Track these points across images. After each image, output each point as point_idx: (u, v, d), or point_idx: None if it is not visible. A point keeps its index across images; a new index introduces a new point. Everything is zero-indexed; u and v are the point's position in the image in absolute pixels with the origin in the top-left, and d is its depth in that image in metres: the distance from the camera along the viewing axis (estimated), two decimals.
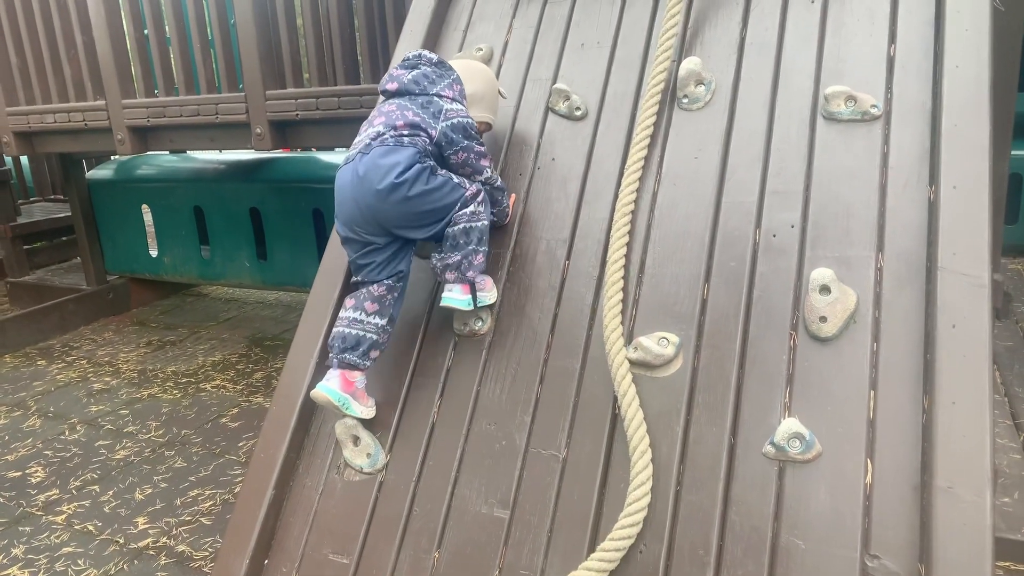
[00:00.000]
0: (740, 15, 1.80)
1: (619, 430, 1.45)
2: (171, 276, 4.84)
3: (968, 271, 1.31)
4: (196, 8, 3.33)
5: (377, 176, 1.55)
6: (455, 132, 1.64)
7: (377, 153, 1.58)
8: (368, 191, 1.56)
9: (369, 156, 1.58)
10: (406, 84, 1.68)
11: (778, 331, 1.43)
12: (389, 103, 1.68)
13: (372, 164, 1.57)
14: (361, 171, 1.58)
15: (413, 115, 1.63)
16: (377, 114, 1.68)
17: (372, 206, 1.57)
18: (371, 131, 1.63)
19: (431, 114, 1.64)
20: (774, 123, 1.64)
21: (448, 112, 1.65)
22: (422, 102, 1.66)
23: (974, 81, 1.46)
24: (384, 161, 1.56)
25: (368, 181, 1.56)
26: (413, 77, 1.68)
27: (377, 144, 1.59)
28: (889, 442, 1.28)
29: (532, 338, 1.64)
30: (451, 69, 1.73)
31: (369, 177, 1.56)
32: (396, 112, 1.64)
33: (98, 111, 3.66)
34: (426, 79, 1.68)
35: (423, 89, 1.67)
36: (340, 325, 1.64)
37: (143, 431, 3.21)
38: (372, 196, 1.56)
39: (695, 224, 1.61)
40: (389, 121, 1.63)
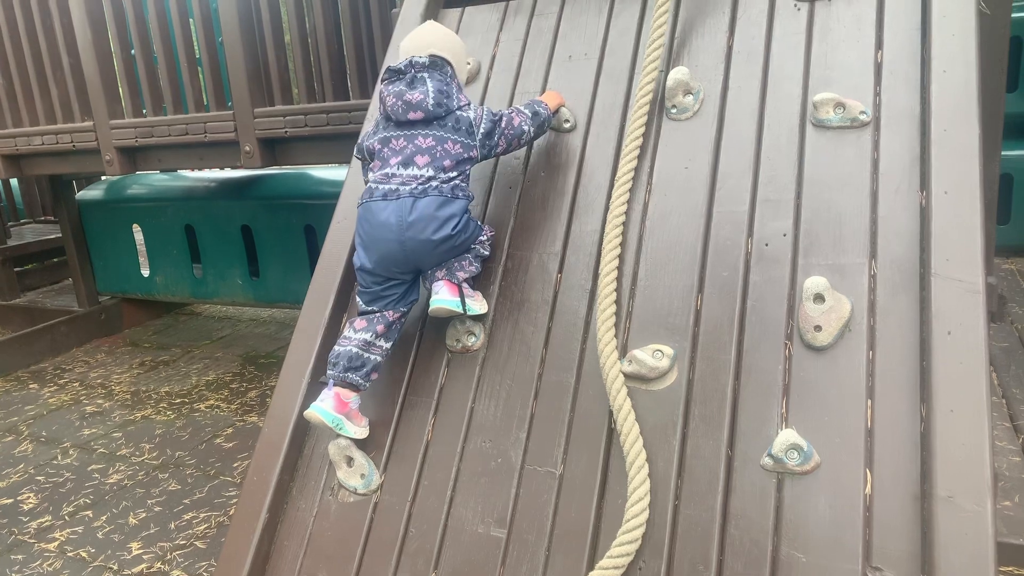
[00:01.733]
0: (727, 23, 1.80)
1: (615, 445, 1.43)
2: (163, 296, 4.81)
3: (962, 277, 1.30)
4: (183, 27, 3.32)
5: (433, 227, 1.58)
6: (488, 137, 1.69)
7: (432, 204, 1.58)
8: (420, 240, 1.59)
9: (423, 204, 1.58)
10: (432, 111, 1.62)
11: (773, 341, 1.42)
12: (424, 136, 1.63)
13: (428, 215, 1.58)
14: (411, 217, 1.57)
15: (455, 147, 1.63)
16: (412, 147, 1.63)
17: (419, 252, 1.60)
18: (416, 172, 1.60)
19: (466, 133, 1.65)
20: (763, 131, 1.64)
21: (475, 121, 1.67)
22: (452, 125, 1.64)
23: (962, 85, 1.46)
24: (441, 213, 1.58)
25: (422, 231, 1.58)
26: (435, 100, 1.62)
27: (433, 192, 1.58)
28: (888, 451, 1.27)
29: (526, 353, 1.62)
30: (443, 64, 1.69)
31: (422, 227, 1.58)
32: (438, 148, 1.62)
33: (86, 132, 3.64)
34: (444, 96, 1.64)
35: (447, 109, 1.64)
36: (347, 344, 1.63)
37: (136, 454, 3.18)
38: (424, 244, 1.59)
39: (687, 234, 1.60)
40: (436, 162, 1.61)
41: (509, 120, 1.72)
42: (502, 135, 1.70)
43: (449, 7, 2.20)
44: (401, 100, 1.63)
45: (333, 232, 1.93)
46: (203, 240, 4.52)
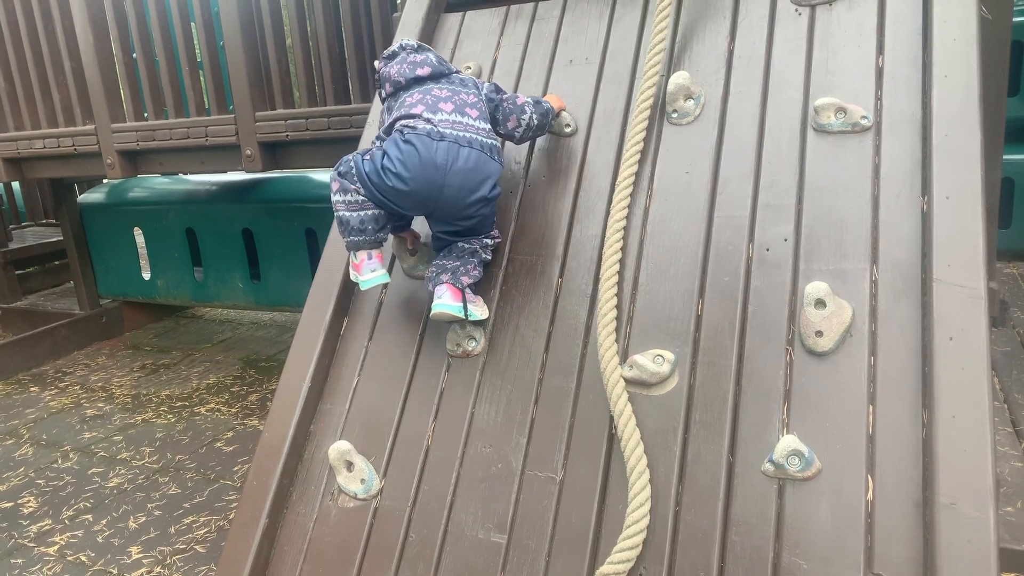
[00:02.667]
0: (728, 28, 1.80)
1: (616, 450, 1.43)
2: (164, 299, 4.81)
3: (964, 282, 1.29)
4: (184, 30, 3.33)
5: (473, 180, 1.58)
6: (492, 94, 1.72)
7: (474, 158, 1.58)
8: (456, 188, 1.56)
9: (467, 155, 1.57)
10: (437, 66, 1.70)
11: (774, 346, 1.42)
12: (439, 88, 1.66)
13: (469, 168, 1.57)
14: (456, 166, 1.55)
15: (469, 96, 1.67)
16: (430, 97, 1.63)
17: (451, 202, 1.58)
18: (446, 117, 1.59)
19: (474, 87, 1.70)
20: (764, 136, 1.64)
21: (478, 82, 1.73)
22: (459, 80, 1.71)
23: (964, 90, 1.45)
24: (484, 170, 1.59)
25: (461, 185, 1.56)
26: (437, 59, 1.71)
27: (476, 146, 1.59)
28: (889, 458, 1.26)
29: (526, 358, 1.62)
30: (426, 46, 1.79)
31: (461, 179, 1.56)
32: (455, 97, 1.65)
33: (87, 136, 3.65)
34: (441, 63, 1.73)
35: (449, 70, 1.72)
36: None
37: (137, 457, 3.17)
38: (458, 197, 1.58)
39: (688, 239, 1.60)
40: (459, 109, 1.63)
41: (514, 95, 1.76)
42: (502, 103, 1.72)
43: (450, 11, 2.21)
44: (406, 63, 1.71)
45: (334, 235, 1.93)
46: (204, 243, 4.52)
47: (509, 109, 1.72)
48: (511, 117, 1.73)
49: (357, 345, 1.79)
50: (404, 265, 1.84)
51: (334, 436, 1.68)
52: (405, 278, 1.83)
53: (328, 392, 1.76)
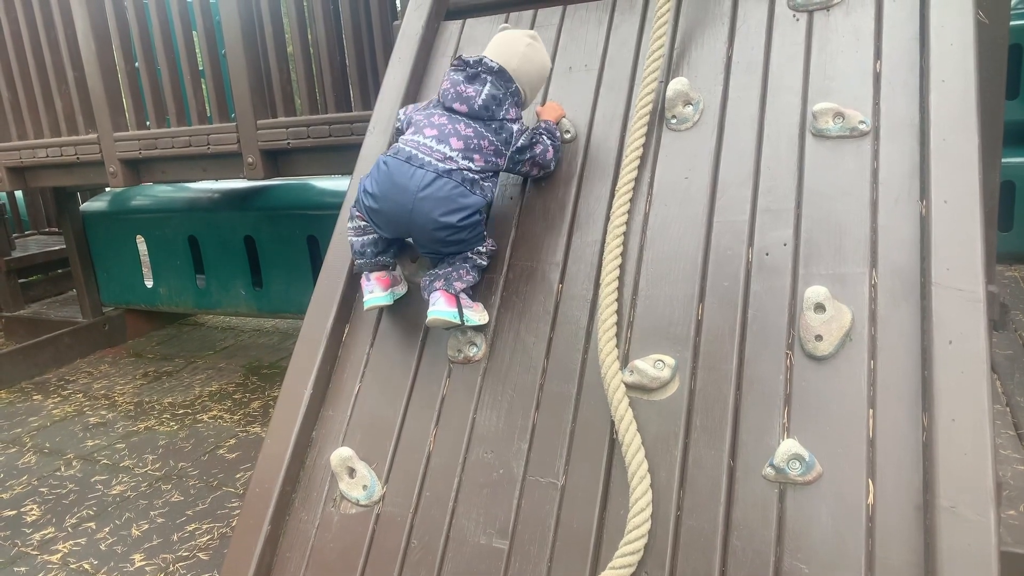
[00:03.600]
0: (726, 34, 1.81)
1: (617, 455, 1.43)
2: (167, 306, 4.83)
3: (963, 286, 1.30)
4: (186, 39, 3.35)
5: (441, 210, 1.60)
6: (520, 153, 1.72)
7: (448, 187, 1.60)
8: (427, 217, 1.61)
9: (440, 184, 1.60)
10: (476, 110, 1.68)
11: (774, 351, 1.42)
12: (467, 125, 1.67)
13: (441, 197, 1.60)
14: (425, 192, 1.59)
15: (489, 147, 1.67)
16: (451, 129, 1.66)
17: (421, 227, 1.63)
18: (446, 151, 1.63)
19: (503, 141, 1.69)
20: (763, 141, 1.64)
21: (516, 134, 1.70)
22: (495, 128, 1.68)
23: (961, 95, 1.46)
24: (453, 201, 1.60)
25: (431, 210, 1.60)
26: (483, 102, 1.67)
27: (456, 177, 1.61)
28: (890, 461, 1.26)
29: (527, 363, 1.62)
30: (511, 80, 1.72)
31: (431, 205, 1.60)
32: (475, 140, 1.65)
33: (90, 144, 3.67)
34: (495, 102, 1.68)
35: (492, 115, 1.69)
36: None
37: (140, 465, 3.18)
38: (428, 223, 1.61)
39: (688, 244, 1.60)
40: (468, 152, 1.64)
41: (544, 150, 1.76)
42: (533, 159, 1.74)
43: (450, 19, 2.22)
44: (455, 88, 1.69)
45: (335, 243, 1.94)
46: (206, 251, 4.53)
47: (537, 162, 1.75)
48: (534, 168, 1.77)
49: (359, 352, 1.80)
50: (404, 272, 1.85)
51: (336, 443, 1.69)
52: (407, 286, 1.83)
53: (330, 399, 1.76)
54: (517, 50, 1.74)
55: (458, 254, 1.69)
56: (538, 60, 1.78)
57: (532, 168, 1.77)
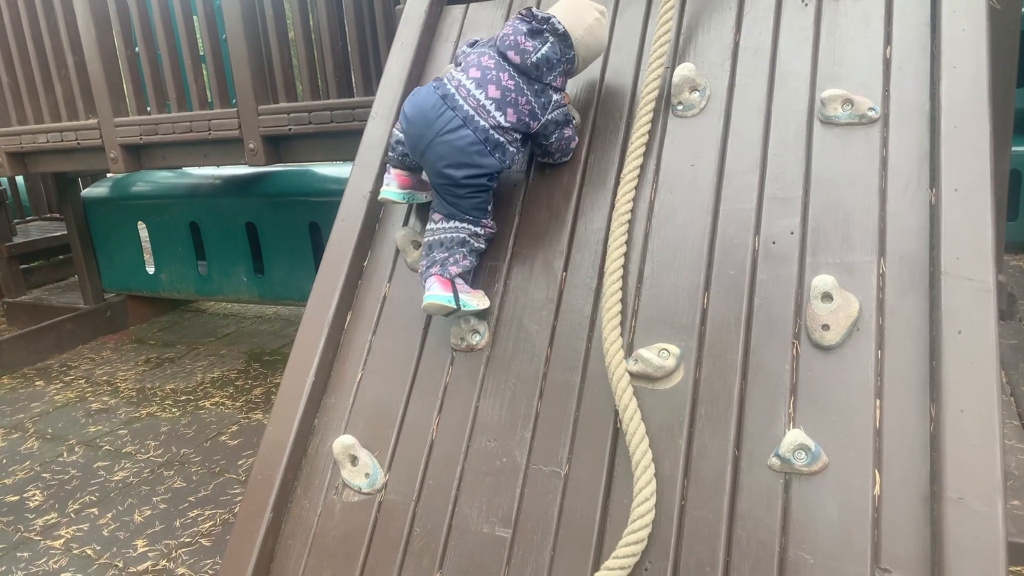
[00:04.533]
0: (733, 20, 1.78)
1: (621, 445, 1.42)
2: (168, 293, 4.82)
3: (972, 275, 1.28)
4: (187, 24, 3.32)
5: (449, 160, 1.61)
6: (554, 126, 1.70)
7: (467, 141, 1.60)
8: (436, 160, 1.63)
9: (462, 135, 1.60)
10: (528, 67, 1.65)
11: (780, 340, 1.41)
12: (511, 75, 1.65)
13: (460, 145, 1.60)
14: (444, 137, 1.61)
15: (526, 103, 1.65)
16: (493, 75, 1.64)
17: (431, 165, 1.66)
18: (480, 99, 1.62)
19: (541, 105, 1.67)
20: (771, 128, 1.62)
21: (555, 104, 1.69)
22: (538, 89, 1.67)
23: (973, 82, 1.44)
24: (467, 155, 1.61)
25: (441, 156, 1.62)
26: (537, 60, 1.64)
27: (480, 133, 1.61)
28: (897, 452, 1.25)
29: (531, 352, 1.61)
30: (571, 47, 1.68)
31: (443, 151, 1.61)
32: (513, 94, 1.64)
33: (90, 130, 3.64)
34: (547, 64, 1.66)
35: (540, 76, 1.67)
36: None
37: (142, 451, 3.18)
38: (435, 166, 1.64)
39: (693, 232, 1.58)
40: (502, 103, 1.62)
41: (572, 136, 1.76)
42: (560, 139, 1.73)
43: (453, 3, 2.19)
44: (515, 36, 1.66)
45: (337, 230, 1.92)
46: (208, 237, 4.52)
47: (560, 146, 1.74)
48: (555, 153, 1.75)
49: (361, 339, 1.79)
50: (408, 259, 1.83)
51: (338, 430, 1.68)
52: (409, 272, 1.82)
53: (332, 387, 1.75)
54: (586, 21, 1.71)
55: (459, 214, 1.67)
56: (601, 36, 1.76)
57: (555, 147, 1.74)
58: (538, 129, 1.69)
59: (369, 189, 1.92)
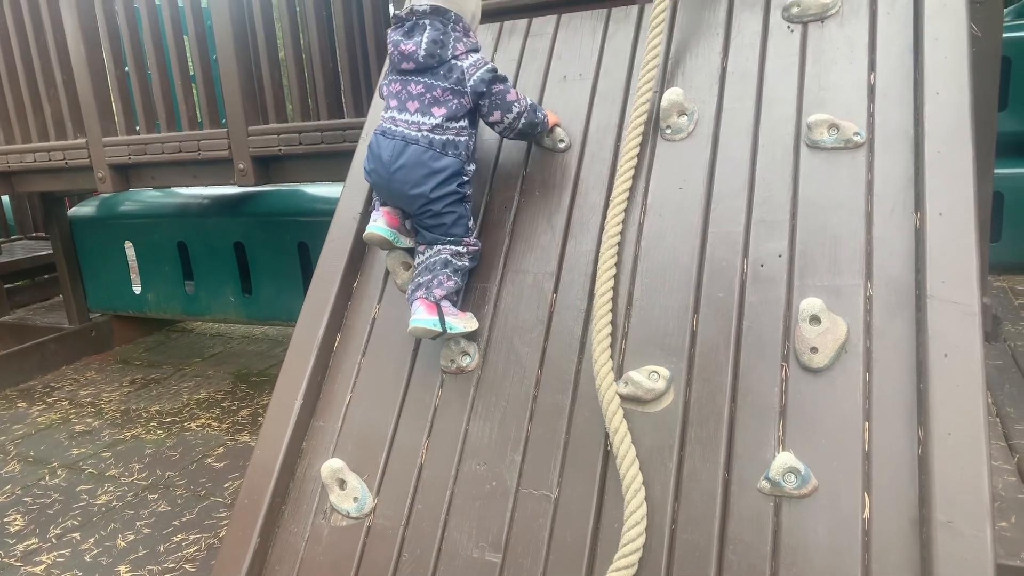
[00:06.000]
0: (720, 45, 1.81)
1: (611, 468, 1.42)
2: (155, 312, 4.78)
3: (958, 299, 1.30)
4: (177, 44, 3.32)
5: (413, 179, 1.66)
6: (481, 85, 1.70)
7: (417, 154, 1.66)
8: (402, 189, 1.68)
9: (410, 152, 1.66)
10: (422, 62, 1.67)
11: (769, 363, 1.41)
12: (416, 82, 1.69)
13: (411, 163, 1.66)
14: (398, 163, 1.66)
15: (444, 94, 1.68)
16: (404, 93, 1.70)
17: (402, 199, 1.72)
18: (407, 117, 1.68)
19: (456, 80, 1.68)
20: (758, 152, 1.64)
21: (468, 70, 1.69)
22: (443, 74, 1.68)
23: (955, 107, 1.46)
24: (424, 167, 1.66)
25: (404, 181, 1.67)
26: (426, 51, 1.67)
27: (423, 143, 1.66)
28: (886, 475, 1.26)
29: (521, 374, 1.61)
30: (447, 11, 1.69)
31: (403, 175, 1.66)
32: (427, 95, 1.68)
33: (78, 149, 3.63)
34: (438, 46, 1.67)
35: (440, 59, 1.68)
36: None
37: (126, 474, 3.14)
38: (403, 196, 1.69)
39: (682, 255, 1.59)
40: (424, 108, 1.67)
41: (507, 90, 1.73)
42: (499, 95, 1.72)
43: None
44: (397, 49, 1.70)
45: (327, 250, 1.92)
46: (196, 257, 4.50)
47: (496, 103, 1.72)
48: (495, 111, 1.74)
49: (350, 361, 1.78)
50: (397, 281, 1.83)
51: (327, 454, 1.67)
52: (398, 293, 1.82)
53: (321, 409, 1.74)
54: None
55: (442, 237, 1.69)
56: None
57: (493, 110, 1.73)
58: (470, 101, 1.70)
59: (359, 210, 1.92)
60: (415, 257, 1.76)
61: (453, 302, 1.68)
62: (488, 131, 1.92)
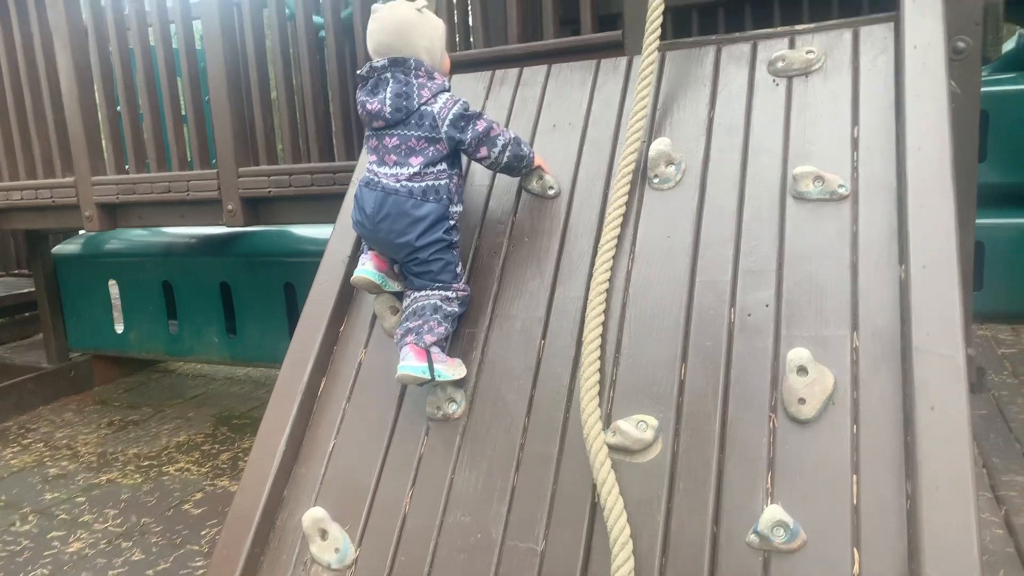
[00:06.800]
0: (708, 97, 1.85)
1: (599, 520, 1.39)
2: (137, 352, 4.71)
3: (943, 351, 1.30)
4: (170, 84, 3.35)
5: (397, 229, 1.68)
6: (455, 129, 1.70)
7: (399, 204, 1.67)
8: (387, 240, 1.70)
9: (392, 203, 1.67)
10: (390, 117, 1.69)
11: (757, 413, 1.41)
12: (390, 136, 1.71)
13: (394, 214, 1.67)
14: (381, 214, 1.68)
15: (419, 143, 1.69)
16: (381, 147, 1.72)
17: (388, 249, 1.74)
18: (387, 170, 1.69)
19: (430, 128, 1.69)
20: (744, 203, 1.66)
21: (440, 114, 1.69)
22: (415, 123, 1.69)
23: (937, 162, 1.49)
24: (407, 216, 1.67)
25: (388, 232, 1.68)
26: (392, 106, 1.68)
27: (403, 192, 1.67)
28: (874, 529, 1.24)
29: (508, 422, 1.59)
30: (406, 60, 1.69)
31: (387, 226, 1.68)
32: (403, 147, 1.69)
33: (66, 188, 3.62)
34: (403, 99, 1.68)
35: (407, 111, 1.69)
36: None
37: (100, 520, 3.05)
38: (389, 245, 1.72)
39: (670, 303, 1.60)
40: (402, 159, 1.69)
41: (489, 127, 1.74)
42: (475, 135, 1.72)
43: None
44: (364, 109, 1.72)
45: (315, 293, 1.91)
46: (180, 296, 4.46)
47: (478, 141, 1.72)
48: (481, 148, 1.74)
49: (335, 407, 1.75)
50: (385, 325, 1.82)
51: (308, 502, 1.63)
52: (386, 338, 1.81)
53: (304, 456, 1.71)
54: (387, 34, 1.70)
55: (430, 282, 1.70)
56: (410, 22, 1.71)
57: (478, 147, 1.73)
58: (447, 146, 1.71)
59: (348, 253, 1.92)
60: (403, 301, 1.76)
61: (442, 348, 1.67)
62: (477, 176, 1.94)
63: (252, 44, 3.12)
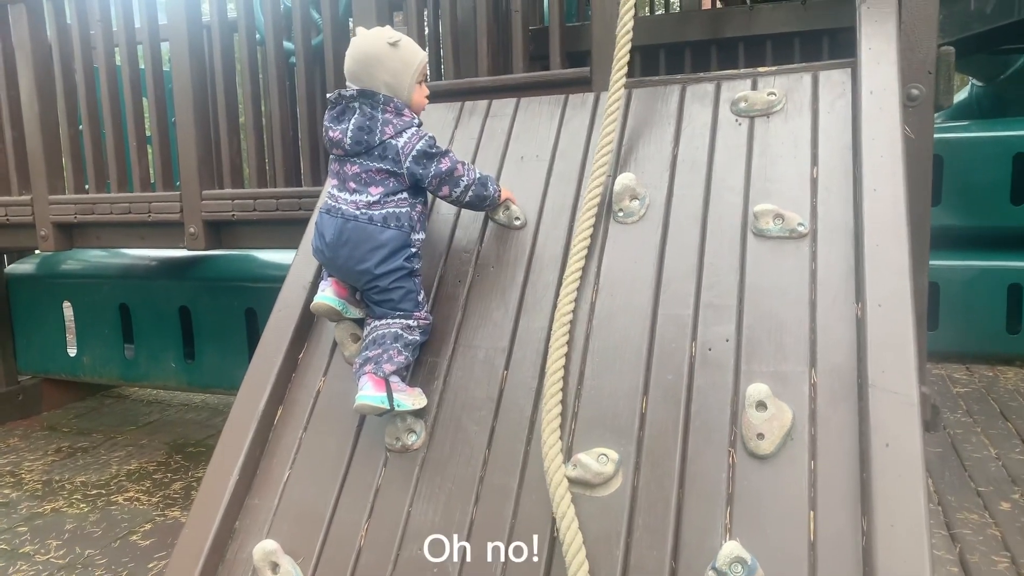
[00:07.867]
0: (672, 134, 1.88)
1: (557, 554, 1.37)
2: (90, 377, 4.58)
3: (897, 389, 1.32)
4: (135, 105, 3.31)
5: (356, 256, 1.67)
6: (417, 166, 1.70)
7: (358, 232, 1.66)
8: (346, 267, 1.69)
9: (351, 230, 1.66)
10: (349, 148, 1.69)
11: (717, 448, 1.41)
12: (351, 163, 1.70)
13: (352, 241, 1.66)
14: (340, 240, 1.67)
15: (379, 174, 1.68)
16: (342, 173, 1.71)
17: (347, 276, 1.73)
18: (347, 196, 1.69)
19: (392, 162, 1.68)
20: (707, 238, 1.68)
21: (403, 149, 1.68)
22: (378, 154, 1.68)
23: (892, 203, 1.53)
24: (366, 243, 1.66)
25: (347, 259, 1.67)
26: (352, 138, 1.68)
27: (362, 220, 1.66)
28: (831, 566, 1.25)
29: (468, 453, 1.57)
30: (374, 94, 1.68)
31: (347, 254, 1.67)
32: (363, 175, 1.69)
33: (22, 206, 3.53)
34: (364, 132, 1.68)
35: (368, 145, 1.68)
36: None
37: (41, 551, 2.92)
38: (348, 272, 1.70)
39: (633, 335, 1.60)
40: (362, 188, 1.68)
41: (453, 166, 1.73)
42: (437, 172, 1.71)
43: None
44: (327, 136, 1.72)
45: (275, 318, 1.88)
46: (137, 320, 4.36)
47: (441, 180, 1.73)
48: (443, 187, 1.75)
49: (291, 436, 1.71)
50: (345, 353, 1.79)
51: (260, 534, 1.58)
52: (346, 366, 1.78)
53: (257, 486, 1.66)
54: (357, 63, 1.70)
55: (391, 310, 1.68)
56: (404, 55, 1.71)
57: (440, 185, 1.73)
58: (408, 181, 1.70)
59: (310, 280, 1.90)
60: (364, 329, 1.74)
61: (402, 377, 1.65)
62: (444, 205, 1.94)
63: (221, 67, 3.10)
